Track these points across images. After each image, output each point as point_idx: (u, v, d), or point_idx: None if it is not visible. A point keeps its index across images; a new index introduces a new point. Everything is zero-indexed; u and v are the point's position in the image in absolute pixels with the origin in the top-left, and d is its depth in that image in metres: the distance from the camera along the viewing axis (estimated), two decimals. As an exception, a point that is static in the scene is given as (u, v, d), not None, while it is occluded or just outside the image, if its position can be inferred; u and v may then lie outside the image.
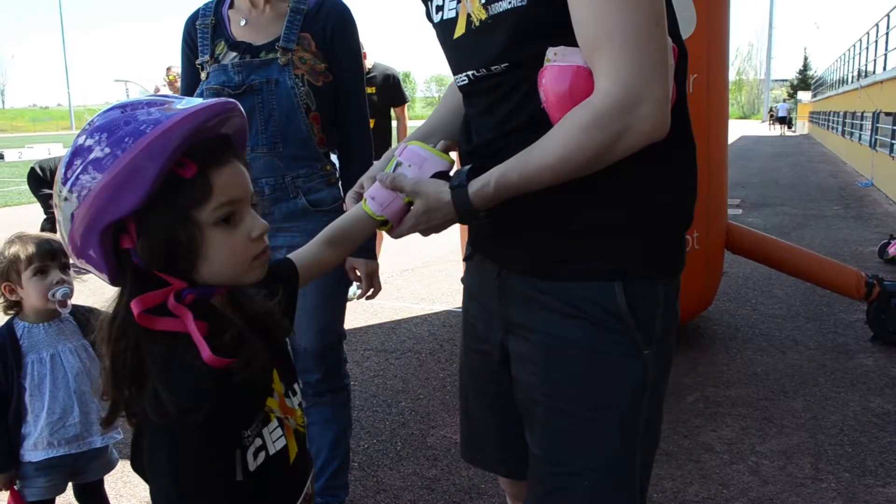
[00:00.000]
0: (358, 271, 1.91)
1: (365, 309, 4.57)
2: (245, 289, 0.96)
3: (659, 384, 1.12)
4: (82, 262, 0.89)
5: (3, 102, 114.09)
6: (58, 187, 0.85)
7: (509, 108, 1.07)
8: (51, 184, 7.19)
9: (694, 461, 2.55)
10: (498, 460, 1.37)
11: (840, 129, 18.11)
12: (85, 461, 1.78)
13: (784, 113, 35.60)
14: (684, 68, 1.08)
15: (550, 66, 1.00)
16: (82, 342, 1.75)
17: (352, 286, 2.05)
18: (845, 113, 17.05)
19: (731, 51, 4.03)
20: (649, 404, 1.10)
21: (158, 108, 0.85)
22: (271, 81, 1.78)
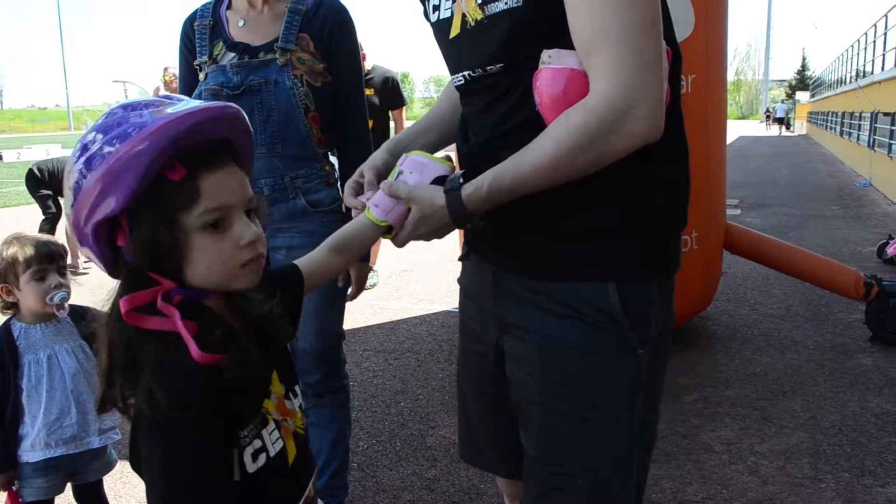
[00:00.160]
0: (351, 273, 1.91)
1: (364, 309, 4.57)
2: (245, 292, 0.95)
3: (654, 384, 1.12)
4: (86, 252, 0.90)
5: (2, 103, 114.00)
6: (65, 179, 0.88)
7: (506, 108, 1.07)
8: (49, 185, 7.13)
9: (693, 461, 2.55)
10: (497, 460, 1.37)
11: (838, 130, 18.13)
12: (84, 462, 1.78)
13: (782, 114, 35.71)
14: (678, 70, 1.09)
15: (545, 69, 1.00)
16: (79, 342, 1.75)
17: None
18: (843, 113, 17.06)
19: (730, 51, 4.03)
20: (644, 404, 1.10)
21: (151, 111, 0.85)
22: (270, 82, 1.78)
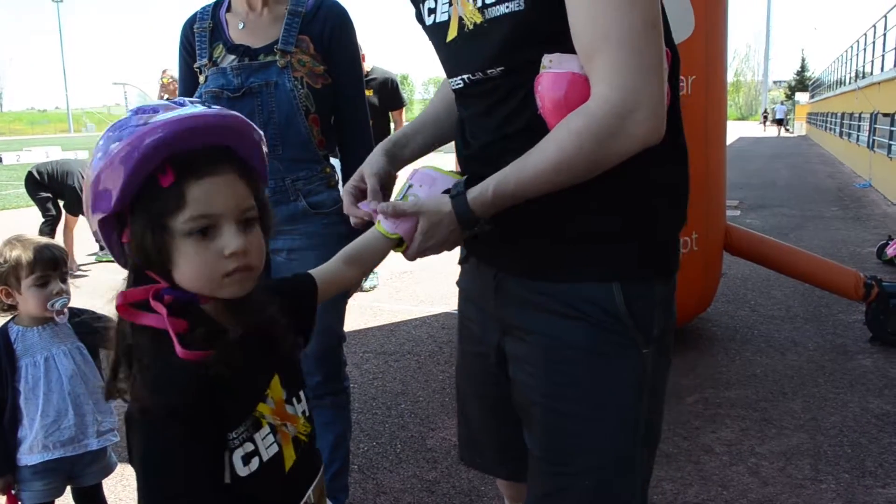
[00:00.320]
0: None
1: (364, 311, 4.57)
2: (244, 299, 0.95)
3: (658, 384, 1.12)
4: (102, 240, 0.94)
5: (1, 105, 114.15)
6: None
7: (507, 112, 1.07)
8: (48, 187, 7.12)
9: (693, 462, 2.55)
10: (497, 462, 1.37)
11: (838, 130, 18.14)
12: (82, 465, 1.77)
13: (781, 115, 35.79)
14: (677, 72, 1.09)
15: (546, 73, 1.00)
16: (77, 344, 1.74)
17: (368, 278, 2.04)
18: (843, 114, 17.07)
19: (729, 52, 4.03)
20: (649, 404, 1.10)
21: (146, 117, 0.87)
22: (270, 84, 1.78)
